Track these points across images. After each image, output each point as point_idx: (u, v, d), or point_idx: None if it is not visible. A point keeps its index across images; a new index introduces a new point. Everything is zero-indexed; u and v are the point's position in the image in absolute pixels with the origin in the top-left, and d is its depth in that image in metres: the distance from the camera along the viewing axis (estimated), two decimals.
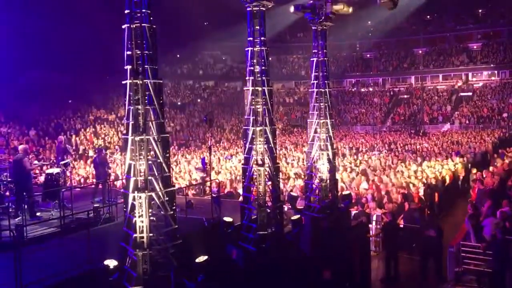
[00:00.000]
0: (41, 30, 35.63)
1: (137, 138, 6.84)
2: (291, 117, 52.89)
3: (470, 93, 50.39)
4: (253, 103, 9.85)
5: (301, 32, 59.42)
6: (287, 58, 61.73)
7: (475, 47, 54.43)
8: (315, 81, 11.97)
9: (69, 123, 36.46)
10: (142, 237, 6.90)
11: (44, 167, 16.22)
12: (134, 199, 6.88)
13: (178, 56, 49.30)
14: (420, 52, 55.39)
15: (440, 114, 48.01)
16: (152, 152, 7.03)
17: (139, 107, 6.87)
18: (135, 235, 6.89)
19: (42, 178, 14.86)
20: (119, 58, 7.03)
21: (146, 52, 6.86)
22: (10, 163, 12.40)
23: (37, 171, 16.50)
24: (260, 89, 9.83)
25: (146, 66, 6.87)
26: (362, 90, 57.10)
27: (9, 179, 11.94)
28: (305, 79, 54.10)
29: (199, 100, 51.47)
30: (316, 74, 11.97)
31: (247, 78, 9.99)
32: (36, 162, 14.73)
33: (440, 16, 56.49)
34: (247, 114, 9.97)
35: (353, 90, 57.56)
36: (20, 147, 12.12)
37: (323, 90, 11.96)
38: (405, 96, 53.37)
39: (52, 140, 30.10)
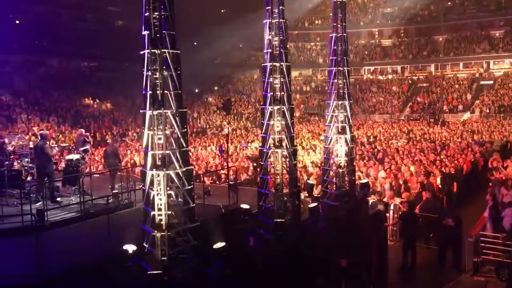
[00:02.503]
0: (61, 18, 35.98)
1: (155, 112, 6.85)
2: (308, 105, 52.62)
3: (491, 82, 49.39)
4: (271, 78, 9.75)
5: (319, 19, 58.84)
6: (304, 46, 61.20)
7: (497, 34, 53.17)
8: (334, 58, 11.78)
9: (88, 110, 36.87)
10: (160, 215, 6.95)
11: (64, 153, 16.47)
12: (152, 176, 6.92)
13: (195, 44, 49.26)
14: (441, 39, 54.34)
15: (460, 102, 47.24)
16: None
17: (157, 76, 6.87)
18: (153, 212, 6.95)
19: (62, 164, 15.06)
20: (138, 46, 7.03)
21: (164, 13, 6.81)
22: (31, 149, 12.59)
23: (57, 157, 16.72)
24: (278, 64, 9.71)
25: (164, 32, 6.84)
26: (381, 78, 56.38)
27: (30, 165, 12.14)
28: (323, 67, 53.64)
29: (216, 88, 51.47)
30: (335, 49, 11.75)
31: (265, 51, 9.85)
32: (56, 148, 14.92)
33: (461, 2, 55.26)
34: (265, 90, 9.87)
35: (371, 78, 56.88)
36: (41, 133, 12.29)
37: (341, 69, 11.78)
38: (425, 85, 52.54)
39: (71, 127, 30.56)
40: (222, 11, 53.50)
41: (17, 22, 37.89)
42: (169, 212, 7.00)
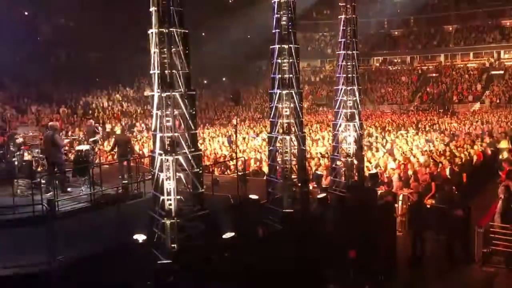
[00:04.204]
0: (69, 9, 36.01)
1: (164, 95, 6.82)
2: (317, 96, 52.42)
3: (501, 72, 48.90)
4: (279, 59, 9.61)
5: (327, 9, 58.40)
6: (312, 36, 60.84)
7: (508, 23, 52.53)
8: (343, 39, 11.56)
9: (97, 101, 37.03)
10: (170, 199, 6.97)
11: (74, 144, 16.58)
12: (161, 161, 6.92)
13: (203, 34, 49.19)
14: (451, 29, 53.80)
15: (470, 93, 46.83)
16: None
17: (165, 55, 6.83)
18: (162, 197, 6.97)
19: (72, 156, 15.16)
20: (145, 36, 6.99)
21: None
22: (41, 140, 12.70)
23: (67, 148, 16.84)
24: (286, 47, 9.54)
25: (171, 8, 6.75)
26: (390, 68, 55.99)
27: (40, 155, 12.25)
28: (331, 57, 53.31)
29: (224, 79, 51.44)
30: (344, 29, 11.50)
31: (273, 31, 9.63)
32: (66, 140, 15.04)
33: None
34: (273, 72, 9.75)
35: (380, 68, 56.48)
36: (51, 124, 12.38)
37: (351, 52, 11.59)
38: (434, 75, 52.12)
39: (80, 118, 30.73)
40: (230, 1, 53.25)
41: (26, 13, 37.97)
42: (179, 197, 7.00)
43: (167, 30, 6.73)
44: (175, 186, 6.93)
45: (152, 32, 6.77)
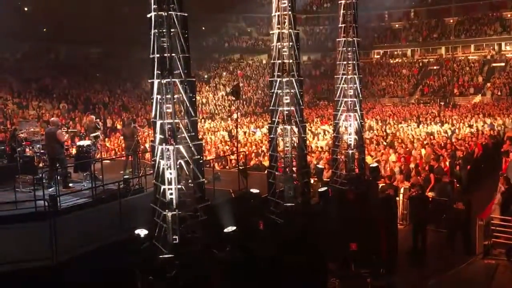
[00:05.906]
0: (68, 4, 35.91)
1: (164, 81, 6.79)
2: (317, 90, 52.28)
3: (503, 64, 48.70)
4: (279, 44, 9.51)
5: (328, 3, 58.13)
6: (313, 29, 60.58)
7: (509, 15, 52.23)
8: (343, 25, 11.37)
9: (98, 96, 36.99)
10: (171, 189, 6.95)
11: (76, 139, 16.59)
12: (162, 150, 6.90)
13: (203, 28, 49.04)
14: (451, 21, 53.47)
15: (471, 85, 46.69)
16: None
17: (164, 39, 6.76)
18: (163, 187, 6.97)
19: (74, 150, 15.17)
20: (145, 32, 6.96)
21: None
22: (43, 136, 12.72)
23: (68, 143, 16.85)
24: (286, 32, 9.42)
25: None
26: (391, 61, 55.80)
27: (42, 151, 12.28)
28: (332, 51, 53.12)
29: (224, 73, 51.35)
30: (344, 13, 11.32)
31: (272, 14, 9.55)
32: (66, 135, 15.06)
33: None
34: (273, 58, 9.69)
35: (381, 61, 56.29)
36: (52, 119, 12.37)
37: (351, 39, 11.44)
38: (435, 67, 51.94)
39: (81, 113, 30.72)
40: None
41: (25, 9, 37.88)
42: (179, 186, 6.98)
43: (166, 13, 6.68)
44: (176, 175, 6.91)
45: (151, 16, 6.72)
